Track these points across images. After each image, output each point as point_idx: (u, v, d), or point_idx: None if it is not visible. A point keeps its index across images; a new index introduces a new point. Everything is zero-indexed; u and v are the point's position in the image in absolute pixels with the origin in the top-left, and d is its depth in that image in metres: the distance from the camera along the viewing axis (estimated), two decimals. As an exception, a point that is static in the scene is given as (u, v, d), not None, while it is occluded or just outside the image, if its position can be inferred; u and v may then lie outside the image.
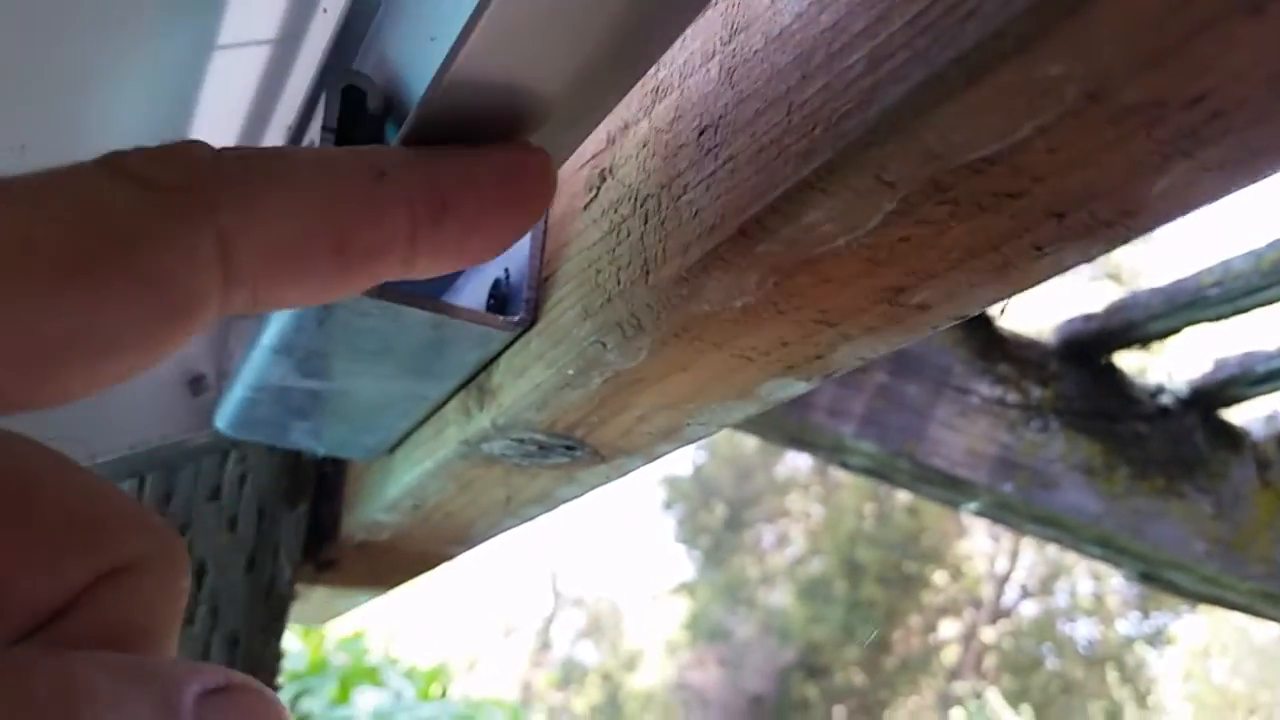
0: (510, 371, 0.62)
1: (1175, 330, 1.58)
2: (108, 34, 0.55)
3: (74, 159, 0.64)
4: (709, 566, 14.17)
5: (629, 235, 0.50)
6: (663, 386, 0.55)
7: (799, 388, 0.54)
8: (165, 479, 0.89)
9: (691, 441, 0.63)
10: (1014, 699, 11.54)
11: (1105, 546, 1.65)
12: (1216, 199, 0.36)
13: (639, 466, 0.68)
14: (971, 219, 0.38)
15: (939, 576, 12.91)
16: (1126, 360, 1.71)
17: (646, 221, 0.49)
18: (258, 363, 0.66)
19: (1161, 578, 1.72)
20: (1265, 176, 0.36)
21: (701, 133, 0.46)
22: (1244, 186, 0.36)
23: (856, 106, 0.36)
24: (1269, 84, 0.31)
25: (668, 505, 14.28)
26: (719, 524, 13.90)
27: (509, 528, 0.85)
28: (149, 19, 0.55)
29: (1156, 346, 1.65)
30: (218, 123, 0.64)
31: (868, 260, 0.42)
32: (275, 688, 0.93)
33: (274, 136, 0.68)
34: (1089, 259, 0.40)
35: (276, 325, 0.61)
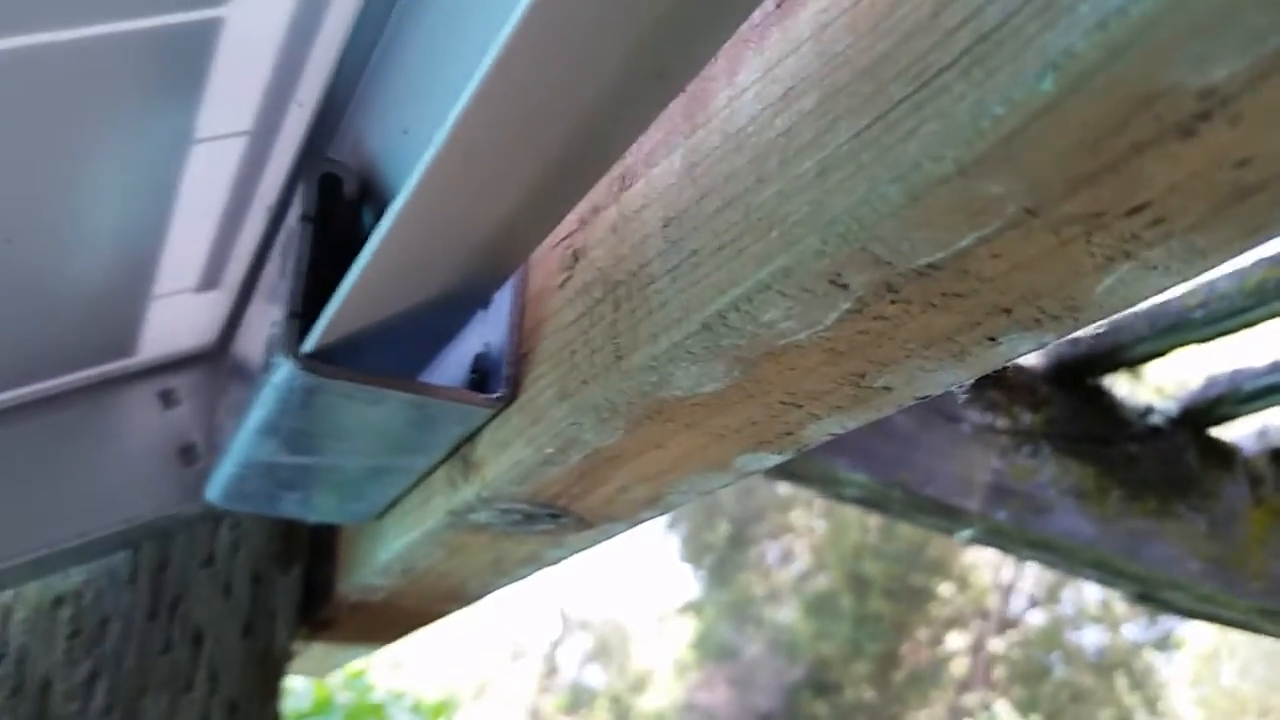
0: (493, 445, 0.63)
1: (1162, 352, 1.59)
2: (87, 131, 0.57)
3: (58, 251, 0.66)
4: (715, 585, 14.13)
5: (602, 320, 0.51)
6: (640, 462, 0.56)
7: (774, 459, 0.55)
8: (159, 548, 0.89)
9: (674, 508, 0.64)
10: (1024, 708, 11.50)
11: (1101, 569, 1.65)
12: (1163, 291, 0.38)
13: (624, 531, 0.69)
14: (924, 315, 0.39)
15: (945, 588, 12.88)
16: (1116, 382, 1.72)
17: (618, 308, 0.50)
18: (245, 442, 0.67)
19: (1158, 598, 1.73)
20: (1212, 269, 0.37)
21: (666, 225, 0.47)
22: (1190, 279, 0.37)
23: (808, 215, 0.37)
24: (1207, 195, 0.32)
25: (671, 524, 14.26)
26: (723, 542, 13.87)
27: (501, 586, 0.86)
28: (126, 116, 0.57)
29: (1144, 368, 1.66)
30: (198, 210, 0.65)
31: (829, 351, 0.43)
32: (274, 750, 0.93)
33: (255, 217, 0.69)
34: (1042, 346, 0.41)
35: (262, 410, 0.62)
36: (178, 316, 0.80)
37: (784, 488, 13.35)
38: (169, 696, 0.89)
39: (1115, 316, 1.32)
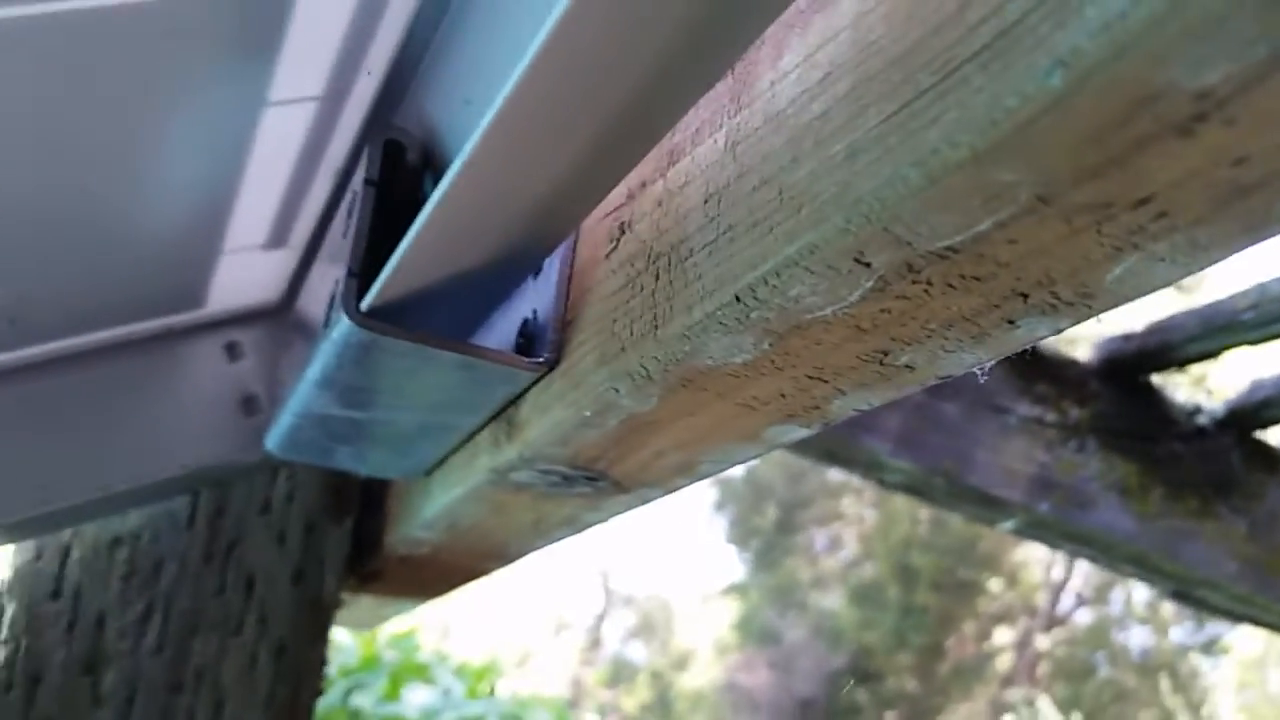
0: (536, 408, 0.66)
1: (1213, 353, 1.58)
2: (167, 88, 0.60)
3: (135, 202, 0.69)
4: (760, 568, 14.16)
5: (642, 290, 0.54)
6: (674, 429, 0.59)
7: (801, 433, 0.57)
8: (218, 495, 0.94)
9: (706, 476, 0.67)
10: (1066, 706, 11.43)
11: (1139, 565, 1.65)
12: (1171, 284, 0.39)
13: (659, 497, 0.72)
14: (944, 296, 0.41)
15: (994, 584, 12.81)
16: (1166, 381, 1.71)
17: (658, 279, 0.53)
18: (303, 393, 0.71)
19: (1194, 596, 1.72)
20: (1216, 263, 0.38)
21: (706, 200, 0.50)
22: (1196, 273, 0.39)
23: (836, 195, 0.40)
24: (1207, 191, 0.34)
25: (719, 506, 14.29)
26: (771, 526, 13.89)
27: (540, 547, 0.89)
28: (205, 76, 0.60)
29: (1194, 368, 1.65)
30: (268, 170, 0.68)
31: (853, 327, 0.45)
32: (318, 692, 0.97)
33: (323, 180, 0.73)
34: (1058, 331, 0.43)
35: (320, 361, 0.65)
36: (245, 272, 0.83)
37: (834, 475, 13.31)
38: (219, 637, 0.93)
39: (1166, 316, 1.32)
